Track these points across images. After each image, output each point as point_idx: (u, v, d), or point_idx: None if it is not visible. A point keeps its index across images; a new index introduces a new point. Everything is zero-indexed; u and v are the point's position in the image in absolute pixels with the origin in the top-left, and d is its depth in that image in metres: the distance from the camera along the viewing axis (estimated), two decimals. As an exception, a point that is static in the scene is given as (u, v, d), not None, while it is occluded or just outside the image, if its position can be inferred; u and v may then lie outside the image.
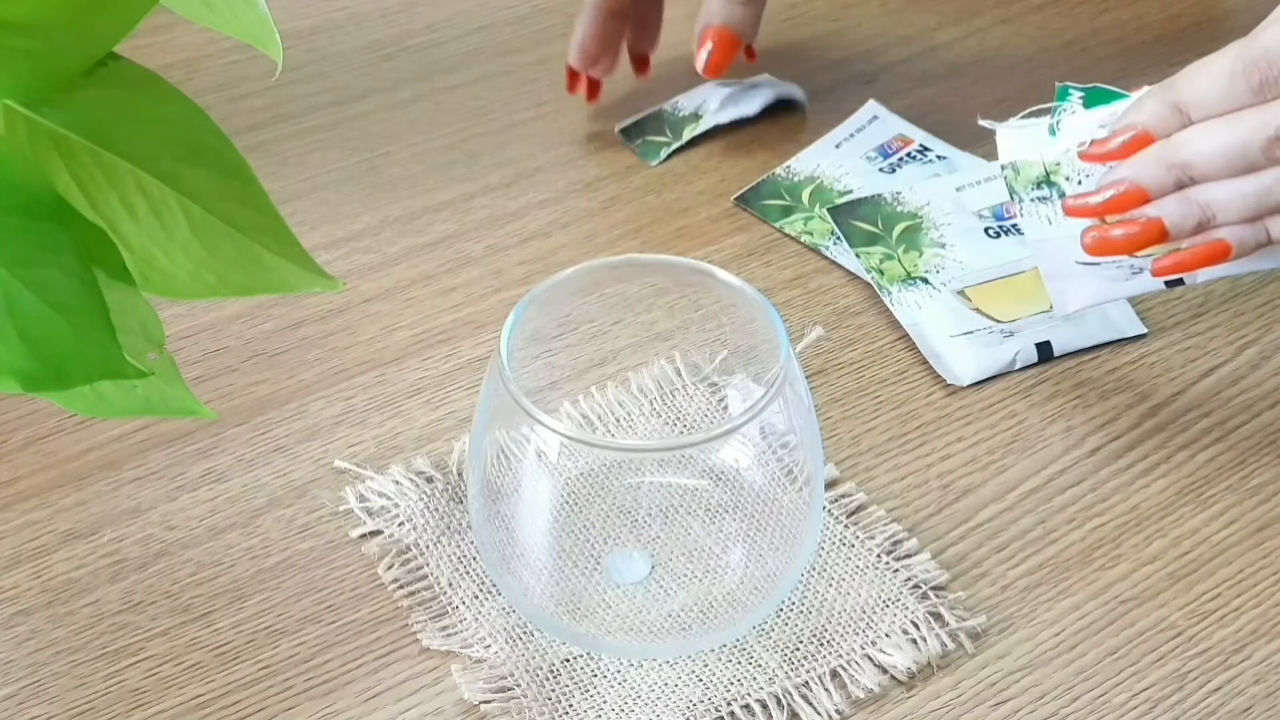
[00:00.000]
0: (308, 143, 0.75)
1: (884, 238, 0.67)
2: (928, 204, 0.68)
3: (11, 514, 0.56)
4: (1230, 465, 0.58)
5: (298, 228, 0.45)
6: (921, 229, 0.67)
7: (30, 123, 0.41)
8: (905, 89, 0.78)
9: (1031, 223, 0.58)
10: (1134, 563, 0.54)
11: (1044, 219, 0.57)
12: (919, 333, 0.63)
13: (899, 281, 0.65)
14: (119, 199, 0.42)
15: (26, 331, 0.39)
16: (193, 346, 0.63)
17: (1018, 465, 0.58)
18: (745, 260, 0.67)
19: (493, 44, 0.82)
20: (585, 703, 0.49)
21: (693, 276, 0.52)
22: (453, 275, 0.67)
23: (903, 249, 0.66)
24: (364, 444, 0.59)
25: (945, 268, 0.65)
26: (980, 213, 0.68)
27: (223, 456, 0.58)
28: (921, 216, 0.68)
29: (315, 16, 0.85)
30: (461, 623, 0.52)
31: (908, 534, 0.55)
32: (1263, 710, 0.49)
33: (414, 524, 0.55)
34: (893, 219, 0.68)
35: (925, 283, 0.65)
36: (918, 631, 0.51)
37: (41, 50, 0.39)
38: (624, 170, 0.73)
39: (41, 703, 0.50)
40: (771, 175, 0.72)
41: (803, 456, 0.51)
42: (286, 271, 0.44)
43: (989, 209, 0.68)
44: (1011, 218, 0.67)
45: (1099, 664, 0.51)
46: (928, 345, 0.62)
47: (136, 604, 0.53)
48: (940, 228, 0.67)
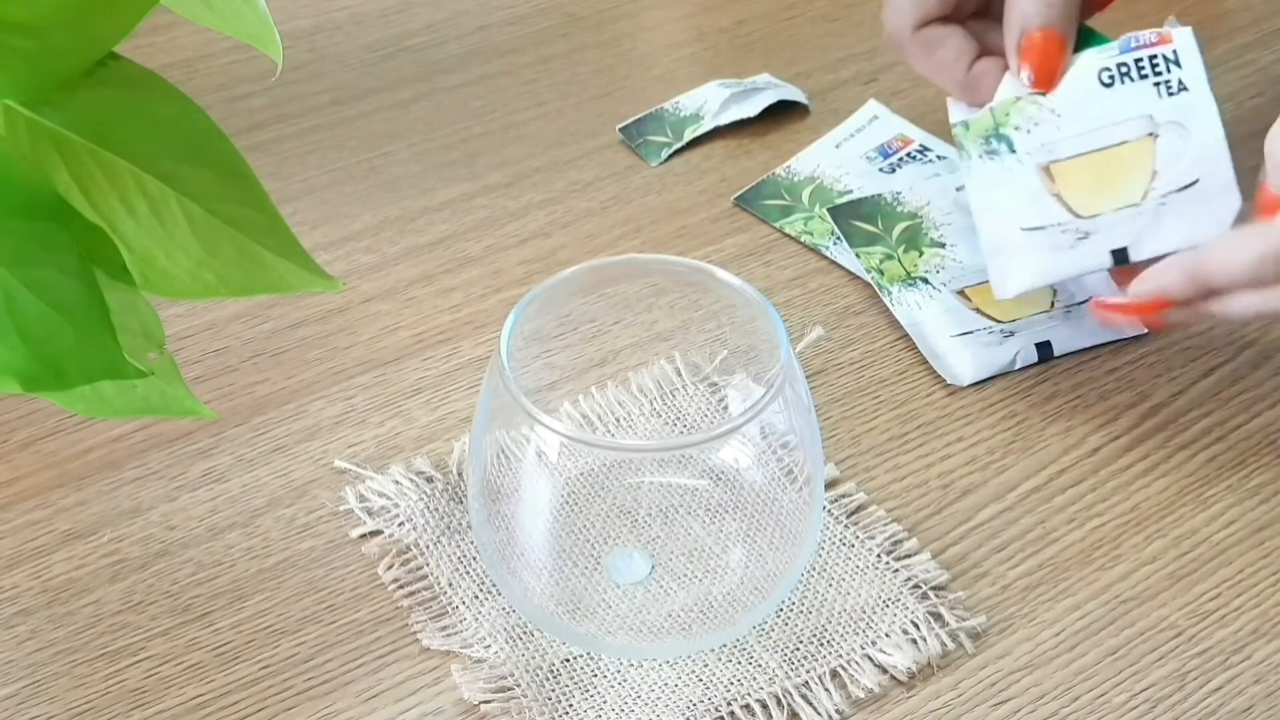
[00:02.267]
0: (308, 143, 0.75)
1: (884, 238, 0.67)
2: (928, 204, 0.68)
3: (11, 514, 0.56)
4: (1230, 465, 0.58)
5: (298, 228, 0.45)
6: (921, 229, 0.67)
7: (30, 123, 0.41)
8: (905, 89, 0.78)
9: (979, 184, 0.57)
10: (1134, 563, 0.54)
11: (990, 180, 0.57)
12: (919, 333, 0.63)
13: (899, 281, 0.65)
14: (119, 199, 0.42)
15: (27, 331, 0.39)
16: (193, 346, 0.63)
17: (1018, 465, 0.58)
18: (745, 260, 0.67)
19: (493, 44, 0.82)
20: (585, 703, 0.49)
21: (693, 276, 0.52)
22: (453, 275, 0.67)
23: (903, 249, 0.66)
24: (364, 444, 0.59)
25: (945, 268, 0.65)
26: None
27: (223, 456, 0.58)
28: (921, 216, 0.68)
29: (315, 16, 0.85)
30: (461, 623, 0.52)
31: (908, 534, 0.55)
32: (1263, 710, 0.49)
33: (414, 524, 0.55)
34: (893, 219, 0.68)
35: (925, 283, 0.65)
36: (918, 631, 0.51)
37: (42, 50, 0.39)
38: (624, 170, 0.73)
39: (41, 702, 0.50)
40: (772, 175, 0.72)
41: (803, 456, 0.51)
42: (286, 271, 0.44)
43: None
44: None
45: (1099, 664, 0.51)
46: (928, 345, 0.62)
47: (137, 604, 0.53)
48: (940, 228, 0.67)
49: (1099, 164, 0.57)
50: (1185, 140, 0.56)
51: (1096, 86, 0.57)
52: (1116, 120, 0.57)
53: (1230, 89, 0.77)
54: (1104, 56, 0.57)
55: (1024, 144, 0.57)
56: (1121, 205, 0.56)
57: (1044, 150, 0.56)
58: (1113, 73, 0.57)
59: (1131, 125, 0.57)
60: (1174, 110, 0.56)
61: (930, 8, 0.59)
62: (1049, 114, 0.57)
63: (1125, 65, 0.57)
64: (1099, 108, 0.57)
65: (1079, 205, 0.56)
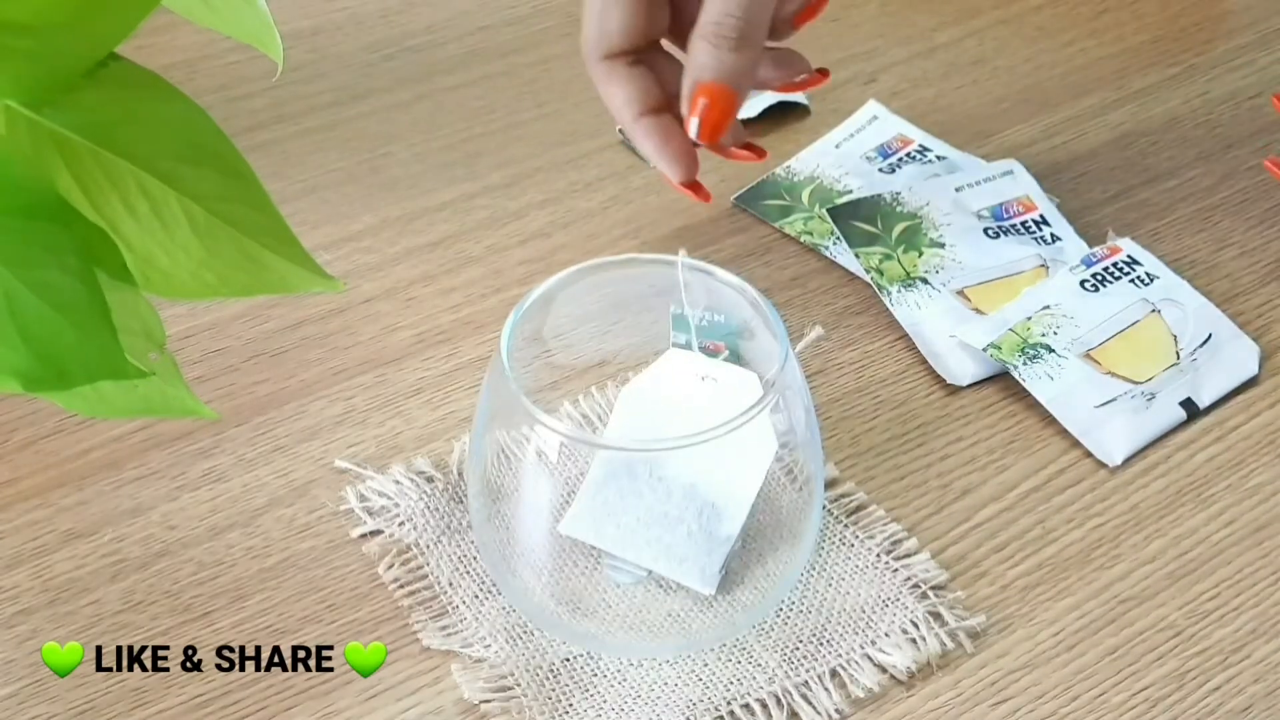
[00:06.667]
0: (308, 143, 0.75)
1: (883, 238, 0.67)
2: (927, 204, 0.68)
3: (12, 514, 0.56)
4: (1230, 465, 0.58)
5: (298, 228, 0.45)
6: (921, 229, 0.67)
7: (31, 123, 0.41)
8: (905, 89, 0.78)
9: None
10: (1133, 562, 0.54)
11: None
12: (918, 333, 0.63)
13: (898, 282, 0.65)
14: (120, 199, 0.42)
15: (28, 332, 0.39)
16: (193, 346, 0.63)
17: (1017, 465, 0.58)
18: (745, 260, 0.68)
19: (493, 44, 0.82)
20: (585, 702, 0.50)
21: (693, 276, 0.52)
22: (453, 275, 0.67)
23: (902, 249, 0.66)
24: (364, 444, 0.59)
25: (945, 268, 0.65)
26: (980, 213, 0.68)
27: (223, 456, 0.59)
28: (921, 217, 0.68)
29: (315, 17, 0.85)
30: (462, 622, 0.52)
31: (907, 534, 0.55)
32: (1262, 710, 0.49)
33: (414, 524, 0.55)
34: (892, 219, 0.68)
35: (925, 283, 0.65)
36: (917, 631, 0.51)
37: (42, 51, 0.39)
38: (624, 170, 0.73)
39: (42, 702, 0.50)
40: (771, 175, 0.72)
41: (803, 456, 0.51)
42: (287, 271, 0.44)
43: (988, 209, 0.68)
44: (1011, 217, 0.68)
45: (1098, 663, 0.51)
46: (927, 345, 0.62)
47: (137, 604, 0.53)
48: (940, 228, 0.67)
49: (1128, 342, 0.62)
50: (1182, 309, 0.63)
51: (1088, 294, 0.63)
52: (1120, 310, 0.63)
53: (1230, 89, 0.77)
54: (1077, 273, 0.64)
55: (1059, 343, 0.61)
56: (1166, 366, 0.61)
57: (1078, 344, 0.61)
58: (1093, 282, 0.64)
59: (1135, 309, 0.63)
60: (1159, 291, 0.63)
61: (613, 40, 0.56)
62: (1065, 319, 0.62)
63: (1099, 274, 0.64)
64: (1102, 305, 0.63)
65: (1133, 374, 0.60)
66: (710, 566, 0.51)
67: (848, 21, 0.84)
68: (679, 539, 0.52)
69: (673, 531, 0.52)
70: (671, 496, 0.52)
